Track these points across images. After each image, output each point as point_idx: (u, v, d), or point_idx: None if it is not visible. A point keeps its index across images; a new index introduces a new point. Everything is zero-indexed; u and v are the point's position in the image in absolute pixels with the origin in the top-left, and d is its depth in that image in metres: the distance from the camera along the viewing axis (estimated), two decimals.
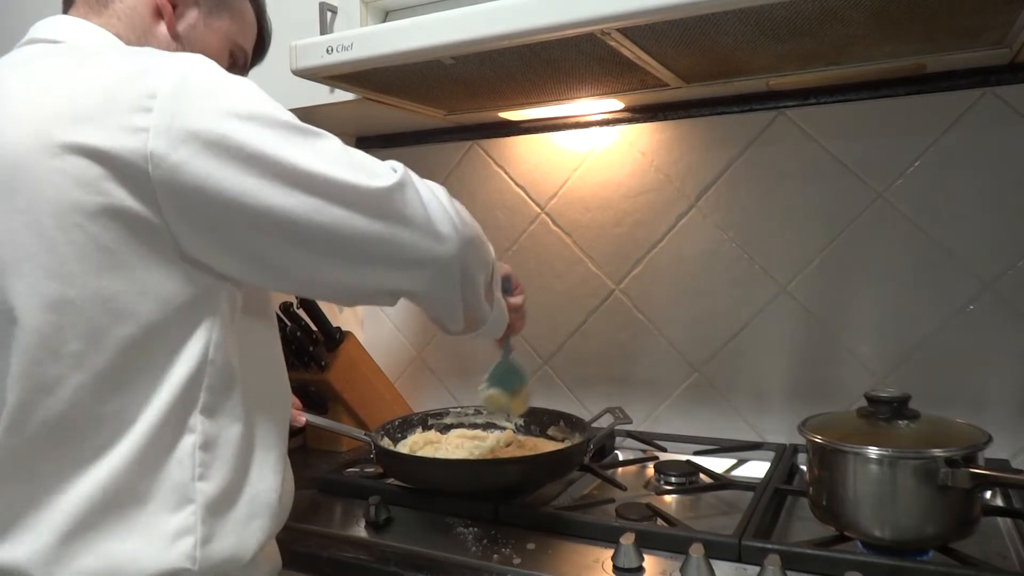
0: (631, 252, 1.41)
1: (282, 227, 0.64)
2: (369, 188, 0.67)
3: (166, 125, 0.60)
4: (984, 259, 1.15)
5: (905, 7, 0.85)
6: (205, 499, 0.67)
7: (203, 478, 0.67)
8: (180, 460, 0.66)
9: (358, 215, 0.66)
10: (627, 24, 0.87)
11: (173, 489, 0.66)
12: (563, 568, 0.86)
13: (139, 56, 0.66)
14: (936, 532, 0.83)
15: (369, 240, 0.68)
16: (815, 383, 1.27)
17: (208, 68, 0.65)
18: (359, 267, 0.70)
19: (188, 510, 0.66)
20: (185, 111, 0.61)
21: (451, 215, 0.74)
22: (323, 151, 0.66)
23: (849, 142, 1.23)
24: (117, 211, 0.61)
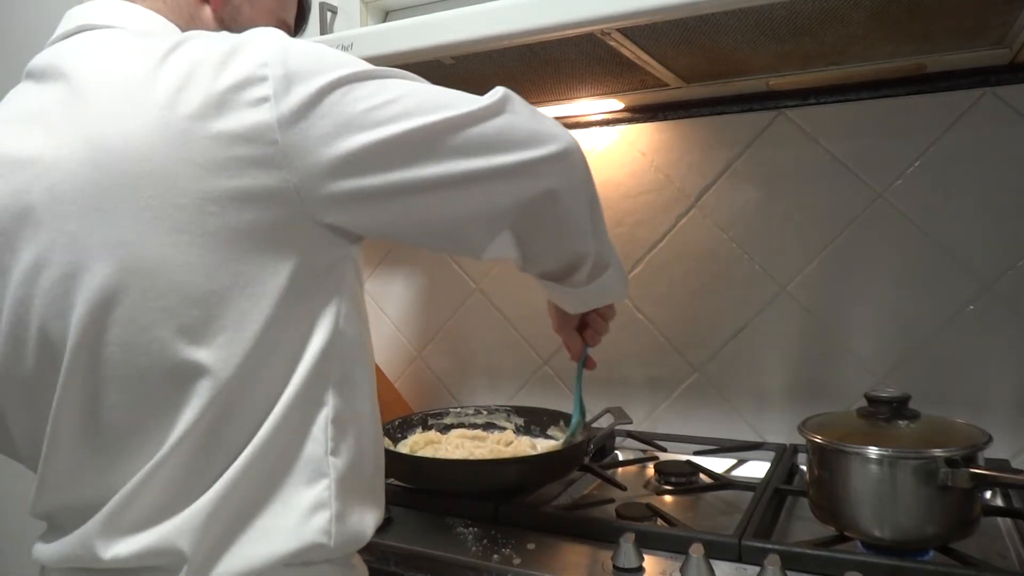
0: (631, 252, 1.41)
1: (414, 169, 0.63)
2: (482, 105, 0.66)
3: (284, 89, 0.59)
4: (984, 259, 1.15)
5: (905, 7, 0.85)
6: (337, 473, 0.66)
7: (335, 452, 0.66)
8: (315, 435, 0.65)
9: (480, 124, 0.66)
10: (627, 24, 0.87)
11: (308, 463, 0.65)
12: (563, 568, 0.86)
13: (223, 37, 0.64)
14: (936, 532, 0.83)
15: (497, 132, 0.66)
16: (815, 383, 1.27)
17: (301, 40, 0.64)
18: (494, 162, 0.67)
19: (322, 484, 0.65)
20: (296, 72, 0.59)
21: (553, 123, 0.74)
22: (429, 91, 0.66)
23: (849, 142, 1.23)
24: (249, 192, 0.59)
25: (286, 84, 0.59)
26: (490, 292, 1.55)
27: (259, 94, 0.59)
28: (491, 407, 1.31)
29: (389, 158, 0.63)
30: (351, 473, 0.67)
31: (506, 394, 1.54)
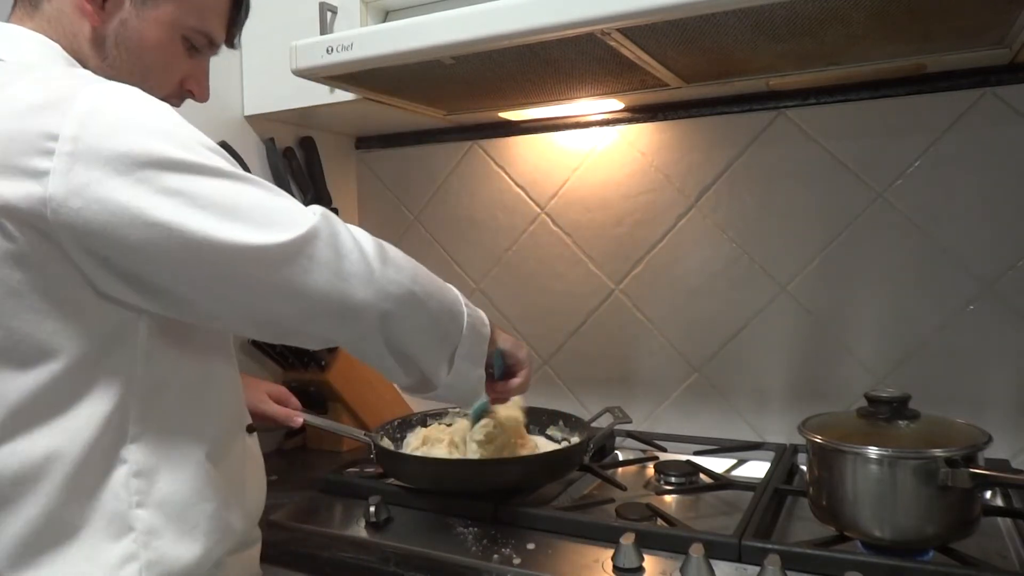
0: (631, 252, 1.41)
1: (185, 273, 0.63)
2: (272, 245, 0.64)
3: (65, 168, 0.58)
4: (984, 259, 1.15)
5: (905, 7, 0.85)
6: (145, 525, 0.67)
7: (141, 505, 0.67)
8: (114, 491, 0.66)
9: (260, 271, 0.64)
10: (627, 24, 0.87)
11: (110, 519, 0.66)
12: (563, 568, 0.86)
13: (47, 86, 0.63)
14: (936, 532, 0.83)
15: (271, 293, 0.66)
16: (815, 383, 1.27)
17: (116, 104, 0.62)
18: (270, 311, 0.68)
19: (129, 538, 0.66)
20: (85, 156, 0.59)
21: (372, 267, 0.70)
22: (240, 194, 0.64)
23: (849, 142, 1.23)
24: (22, 256, 0.60)
25: (68, 165, 0.59)
26: (490, 292, 1.55)
27: (40, 166, 0.59)
28: None
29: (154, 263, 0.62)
30: (166, 521, 0.68)
31: None
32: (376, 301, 0.70)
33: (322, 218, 0.67)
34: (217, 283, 0.64)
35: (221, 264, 0.63)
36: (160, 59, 0.78)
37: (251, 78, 1.37)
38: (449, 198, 1.59)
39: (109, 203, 0.59)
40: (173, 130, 0.64)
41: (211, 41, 0.82)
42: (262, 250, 0.64)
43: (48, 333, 0.63)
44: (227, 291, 0.65)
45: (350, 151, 1.67)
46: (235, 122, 1.37)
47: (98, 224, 0.59)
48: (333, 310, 0.68)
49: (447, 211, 1.60)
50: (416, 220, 1.63)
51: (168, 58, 0.79)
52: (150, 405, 0.68)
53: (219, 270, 0.63)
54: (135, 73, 0.76)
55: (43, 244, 0.60)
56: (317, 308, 0.68)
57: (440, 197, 1.60)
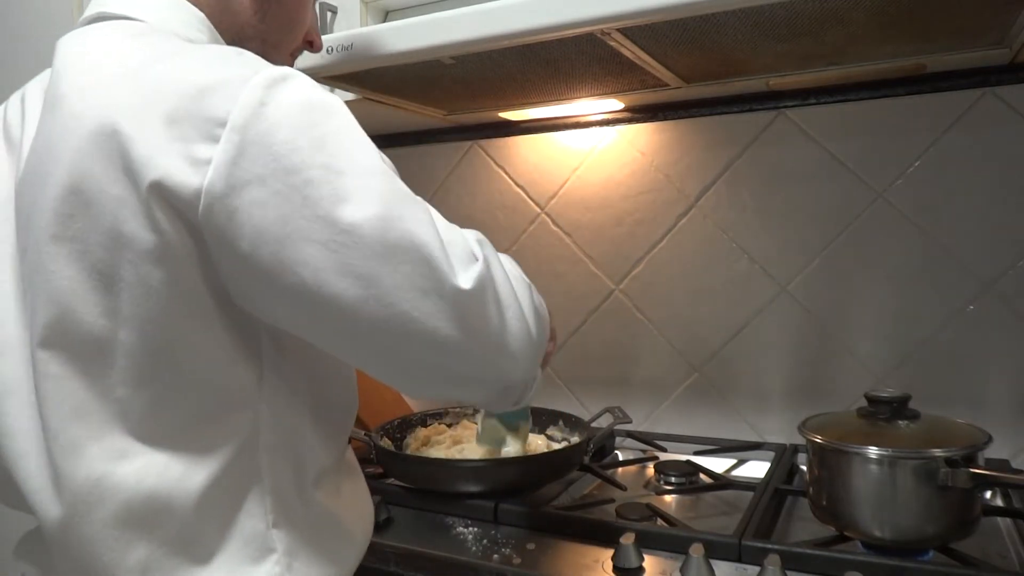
0: (631, 252, 1.41)
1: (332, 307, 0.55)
2: (451, 284, 0.56)
3: (230, 161, 0.52)
4: (984, 259, 1.15)
5: (905, 7, 0.85)
6: (285, 546, 0.62)
7: (278, 525, 0.62)
8: (249, 510, 0.61)
9: (428, 311, 0.56)
10: (627, 24, 0.87)
11: (248, 541, 0.61)
12: (563, 568, 0.86)
13: (220, 64, 0.56)
14: (936, 532, 0.83)
15: (428, 345, 0.57)
16: (815, 383, 1.27)
17: (293, 96, 0.55)
18: (410, 369, 0.61)
19: (271, 560, 0.62)
20: (255, 149, 0.52)
21: (529, 325, 0.63)
22: (412, 219, 0.56)
23: (849, 142, 1.23)
24: (167, 250, 0.54)
25: (233, 157, 0.52)
26: None
27: (203, 154, 0.52)
28: None
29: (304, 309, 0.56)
30: (305, 538, 0.64)
31: None
32: (531, 358, 0.65)
33: (486, 261, 0.60)
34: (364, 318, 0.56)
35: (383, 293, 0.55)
36: (303, 10, 0.78)
37: None
38: (449, 198, 1.59)
39: (271, 209, 0.52)
40: (359, 137, 0.57)
41: None
42: (442, 286, 0.56)
43: (185, 343, 0.57)
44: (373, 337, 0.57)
45: None
46: None
47: (249, 228, 0.53)
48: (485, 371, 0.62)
49: (447, 211, 1.57)
50: None
51: (307, 8, 0.79)
52: (278, 418, 0.63)
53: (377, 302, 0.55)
54: (286, 28, 0.74)
55: (188, 240, 0.54)
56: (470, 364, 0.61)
57: (440, 197, 1.60)
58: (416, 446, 1.19)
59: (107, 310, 0.55)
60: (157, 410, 0.58)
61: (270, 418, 0.62)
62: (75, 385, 0.56)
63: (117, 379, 0.56)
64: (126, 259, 0.54)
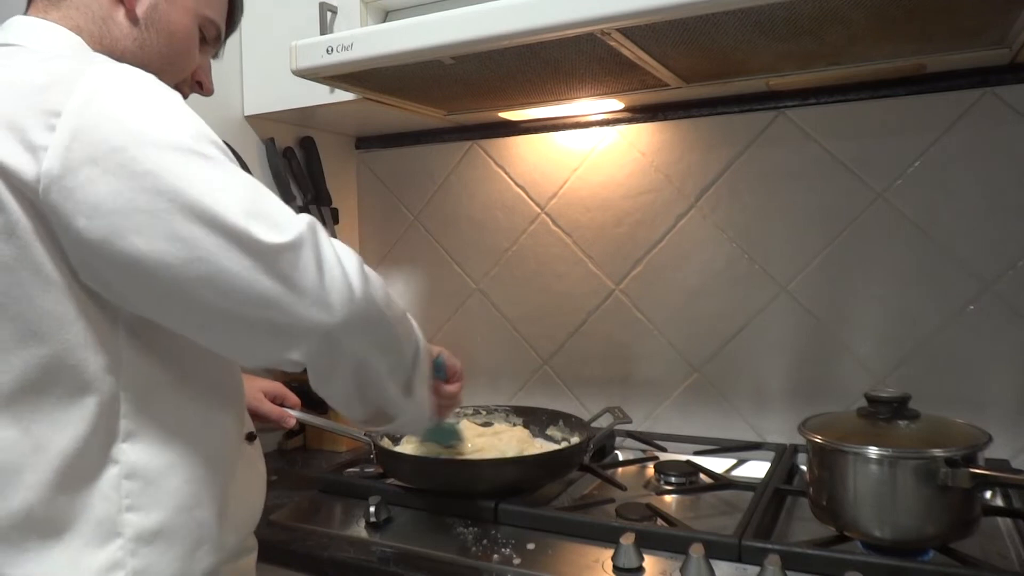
0: (631, 252, 1.41)
1: (158, 270, 0.60)
2: (265, 241, 0.61)
3: (64, 146, 0.58)
4: (984, 259, 1.15)
5: (905, 7, 0.85)
6: (135, 531, 0.64)
7: (132, 509, 0.65)
8: (104, 492, 0.64)
9: (249, 267, 0.61)
10: (627, 24, 0.87)
11: (98, 523, 0.63)
12: (563, 568, 0.86)
13: (55, 65, 0.63)
14: (936, 532, 0.83)
15: (252, 296, 0.62)
16: (815, 383, 1.27)
17: (122, 85, 0.62)
18: (235, 327, 0.65)
19: (116, 544, 0.64)
20: (86, 134, 0.58)
21: (352, 285, 0.67)
22: (229, 188, 0.62)
23: (849, 142, 1.23)
24: (12, 229, 0.59)
25: (67, 142, 0.58)
26: (490, 292, 1.55)
27: (40, 141, 0.58)
28: (491, 407, 1.31)
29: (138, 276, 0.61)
30: (159, 528, 0.66)
31: (506, 394, 1.54)
32: (349, 315, 0.67)
33: (310, 226, 0.65)
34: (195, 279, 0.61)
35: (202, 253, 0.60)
36: (184, 45, 0.80)
37: (251, 78, 1.37)
38: (449, 198, 1.59)
39: (101, 185, 0.58)
40: (180, 117, 0.63)
41: (218, 34, 0.85)
42: (256, 243, 0.61)
43: (36, 314, 0.61)
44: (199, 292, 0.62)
45: (350, 151, 1.67)
46: (235, 122, 1.37)
47: (85, 207, 0.58)
48: (301, 320, 0.65)
49: (447, 211, 1.60)
50: (416, 220, 1.63)
51: (190, 45, 0.81)
52: (144, 402, 0.66)
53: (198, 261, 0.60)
54: (163, 57, 0.77)
55: (33, 220, 0.60)
56: (285, 318, 0.64)
57: (440, 197, 1.60)
58: (416, 446, 1.19)
59: None
60: (16, 383, 0.61)
61: (131, 403, 0.65)
62: None
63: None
64: None
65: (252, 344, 0.67)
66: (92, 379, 0.63)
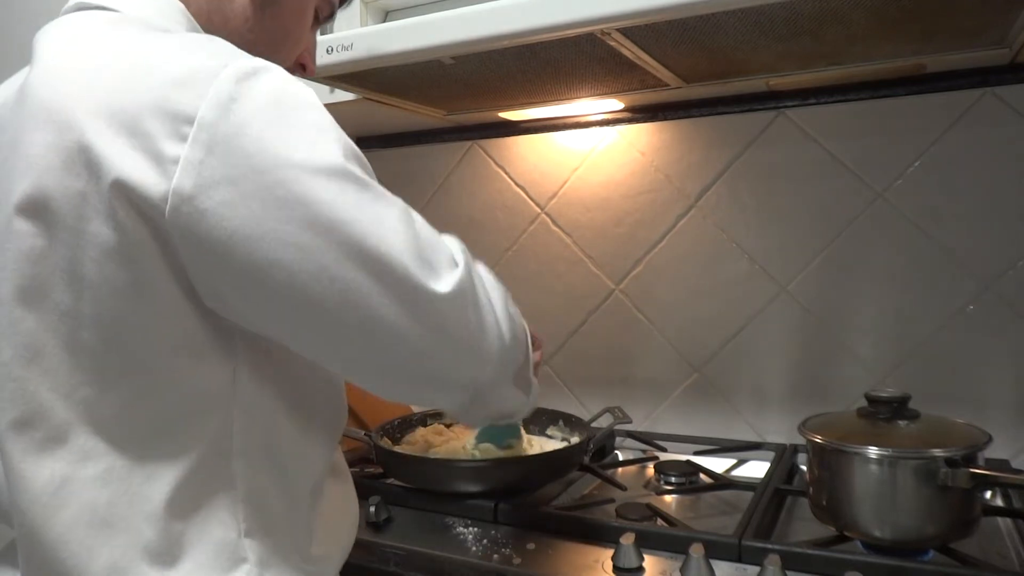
0: (631, 252, 1.41)
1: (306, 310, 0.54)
2: (428, 290, 0.56)
3: (198, 160, 0.50)
4: (984, 259, 1.15)
5: (905, 7, 0.85)
6: (257, 556, 0.60)
7: (250, 534, 0.60)
8: (220, 517, 0.59)
9: (408, 318, 0.55)
10: (627, 24, 0.87)
11: (219, 549, 0.59)
12: (563, 568, 0.86)
13: (189, 54, 0.54)
14: (936, 532, 0.83)
15: (406, 349, 0.57)
16: (815, 383, 1.27)
17: (264, 91, 0.53)
18: (383, 373, 0.61)
19: (243, 569, 0.59)
20: (224, 147, 0.51)
21: (503, 331, 0.63)
22: (388, 221, 0.55)
23: (849, 142, 1.23)
24: (132, 251, 0.52)
25: (202, 156, 0.50)
26: None
27: (170, 152, 0.50)
28: None
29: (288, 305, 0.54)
30: (277, 549, 0.62)
31: None
32: (500, 360, 0.64)
33: (466, 267, 0.60)
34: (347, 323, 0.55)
35: (358, 298, 0.54)
36: (298, 27, 0.74)
37: None
38: (449, 198, 1.59)
39: (241, 209, 0.51)
40: (329, 132, 0.55)
41: (332, 12, 0.78)
42: (419, 292, 0.55)
43: (147, 339, 0.55)
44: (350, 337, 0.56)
45: None
46: None
47: (219, 230, 0.51)
48: (458, 375, 0.62)
49: (447, 211, 1.60)
50: None
51: (303, 27, 0.75)
52: (255, 424, 0.61)
53: (353, 306, 0.54)
54: (275, 41, 0.71)
55: (153, 240, 0.52)
56: (441, 372, 0.60)
57: (440, 197, 1.60)
58: (416, 446, 1.19)
59: (69, 310, 0.54)
60: (122, 412, 0.56)
61: (244, 423, 0.60)
62: None
63: (81, 379, 0.55)
64: (89, 257, 0.53)
65: (399, 388, 0.64)
66: (205, 404, 0.59)
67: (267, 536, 0.61)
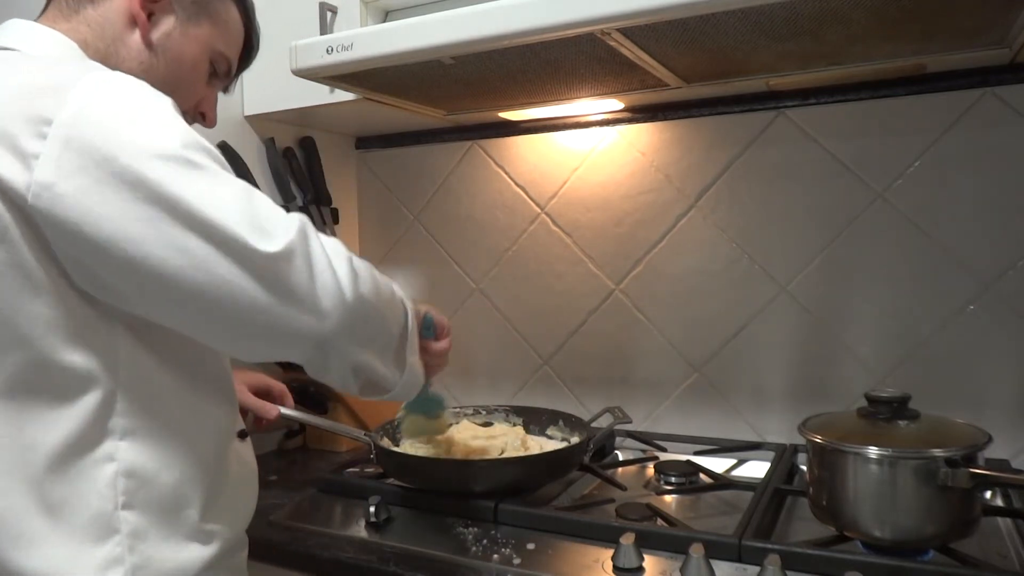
0: (631, 252, 1.41)
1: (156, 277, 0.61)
2: (256, 250, 0.62)
3: (56, 155, 0.59)
4: (984, 259, 1.15)
5: (905, 7, 0.85)
6: (131, 528, 0.65)
7: (128, 506, 0.65)
8: (99, 490, 0.64)
9: (241, 275, 0.62)
10: (627, 24, 0.87)
11: (95, 518, 0.64)
12: (563, 568, 0.86)
13: (50, 72, 0.64)
14: (936, 532, 0.83)
15: (245, 305, 0.63)
16: (815, 383, 1.27)
17: (114, 94, 0.62)
18: (232, 330, 0.66)
19: (114, 540, 0.65)
20: (78, 143, 0.59)
21: (343, 288, 0.68)
22: (221, 196, 0.62)
23: (849, 142, 1.23)
24: (4, 233, 0.60)
25: (59, 151, 0.59)
26: (490, 292, 1.55)
27: (31, 149, 0.59)
28: (491, 407, 1.31)
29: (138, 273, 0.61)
30: (154, 522, 0.67)
31: (506, 394, 1.54)
32: (342, 317, 0.68)
33: (300, 231, 0.66)
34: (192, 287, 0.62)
35: (198, 261, 0.61)
36: (191, 75, 0.81)
37: (251, 78, 1.36)
38: (449, 198, 1.59)
39: (94, 194, 0.59)
40: (170, 125, 0.63)
41: (229, 69, 0.86)
42: (250, 252, 0.62)
43: (24, 317, 0.62)
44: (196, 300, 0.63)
45: (350, 151, 1.67)
46: (235, 122, 1.37)
47: (75, 213, 0.59)
48: (297, 328, 0.66)
49: (447, 211, 1.60)
50: (416, 220, 1.63)
51: (197, 76, 0.82)
52: (141, 401, 0.67)
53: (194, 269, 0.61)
54: (167, 85, 0.76)
55: (22, 225, 0.60)
56: (282, 327, 0.65)
57: (440, 197, 1.60)
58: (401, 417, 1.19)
59: None
60: (6, 383, 0.63)
61: (128, 401, 0.66)
62: None
63: None
64: None
65: (250, 345, 0.68)
66: (86, 379, 0.64)
67: (147, 510, 0.67)
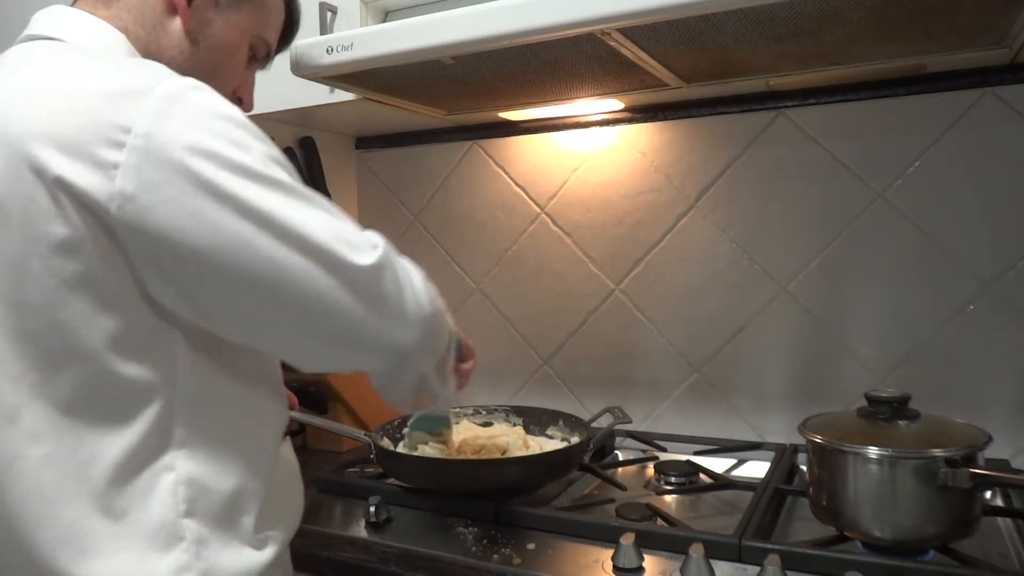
0: (631, 252, 1.41)
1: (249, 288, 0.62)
2: (352, 263, 0.64)
3: (136, 164, 0.58)
4: (984, 259, 1.15)
5: (905, 7, 0.85)
6: (195, 535, 0.65)
7: (190, 515, 0.65)
8: (162, 498, 0.64)
9: (337, 287, 0.63)
10: (627, 24, 0.87)
11: (159, 528, 0.64)
12: (563, 568, 0.86)
13: (126, 75, 0.63)
14: (936, 532, 0.83)
15: (338, 316, 0.64)
16: (815, 383, 1.27)
17: (193, 102, 0.61)
18: (316, 339, 0.67)
19: (180, 548, 0.64)
20: (159, 152, 0.58)
21: (422, 302, 0.71)
22: (311, 212, 0.63)
23: (849, 142, 1.23)
24: (79, 245, 0.59)
25: (140, 160, 0.58)
26: (490, 292, 1.55)
27: (110, 158, 0.58)
28: (491, 407, 1.31)
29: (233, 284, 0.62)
30: (215, 528, 0.66)
31: (506, 394, 1.54)
32: (421, 328, 0.71)
33: (386, 248, 0.68)
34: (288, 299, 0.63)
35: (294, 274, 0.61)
36: (230, 62, 0.81)
37: None
38: (449, 198, 1.59)
39: (185, 207, 0.58)
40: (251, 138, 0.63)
41: (268, 52, 0.85)
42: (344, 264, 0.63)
43: (89, 332, 0.61)
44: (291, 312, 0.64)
45: (350, 151, 1.67)
46: None
47: (162, 225, 0.58)
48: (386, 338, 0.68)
49: (447, 211, 1.60)
50: (416, 220, 1.63)
51: (236, 62, 0.82)
52: (196, 409, 0.66)
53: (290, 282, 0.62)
54: (206, 72, 0.75)
55: (100, 237, 0.59)
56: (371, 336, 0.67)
57: (440, 197, 1.60)
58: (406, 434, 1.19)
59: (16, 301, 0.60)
60: (67, 397, 0.62)
61: (186, 413, 0.66)
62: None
63: (29, 365, 0.61)
64: (36, 252, 0.59)
65: (330, 355, 0.70)
66: (146, 391, 0.64)
67: (207, 517, 0.66)
